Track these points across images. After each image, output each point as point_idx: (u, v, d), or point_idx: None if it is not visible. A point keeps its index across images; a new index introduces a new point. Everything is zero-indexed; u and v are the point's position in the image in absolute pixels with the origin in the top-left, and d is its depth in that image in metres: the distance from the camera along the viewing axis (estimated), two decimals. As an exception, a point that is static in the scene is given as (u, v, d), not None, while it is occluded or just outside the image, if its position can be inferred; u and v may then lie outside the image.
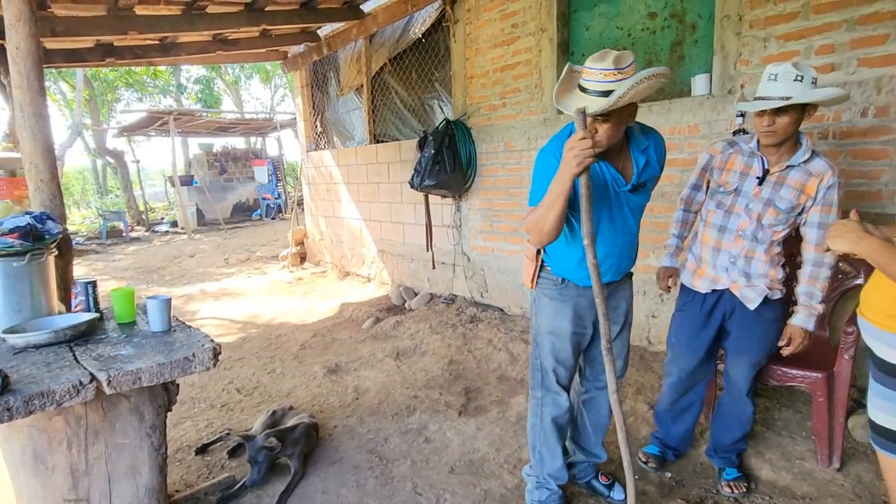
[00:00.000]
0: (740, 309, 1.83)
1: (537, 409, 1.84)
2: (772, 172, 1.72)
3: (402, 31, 4.78)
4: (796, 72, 1.56)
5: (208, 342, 1.65)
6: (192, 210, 12.27)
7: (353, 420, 2.65)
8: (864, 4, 2.21)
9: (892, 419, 1.13)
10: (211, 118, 12.28)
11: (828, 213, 1.68)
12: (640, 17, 3.15)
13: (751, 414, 1.94)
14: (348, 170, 5.84)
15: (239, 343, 4.08)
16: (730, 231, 1.81)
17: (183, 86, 17.65)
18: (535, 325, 1.81)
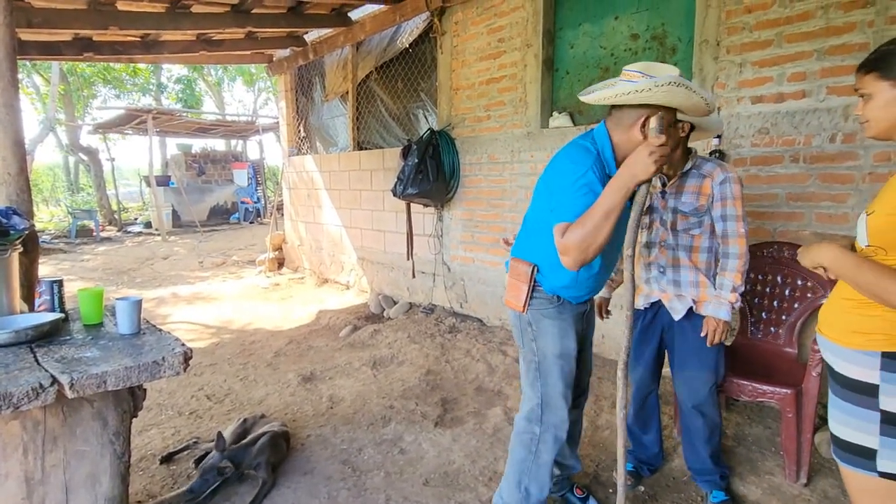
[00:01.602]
0: (677, 323, 1.93)
1: (531, 446, 1.69)
2: (670, 184, 1.89)
3: (389, 40, 4.80)
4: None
5: (179, 346, 1.60)
6: (168, 211, 11.99)
7: (327, 430, 2.60)
8: (833, 36, 2.32)
9: (852, 432, 1.15)
10: (191, 119, 12.08)
11: (725, 206, 1.81)
12: (622, 37, 3.24)
13: (702, 427, 1.94)
14: (330, 176, 5.80)
15: (211, 348, 3.97)
16: (654, 245, 1.96)
17: (163, 85, 17.36)
18: (537, 352, 1.65)
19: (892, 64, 1.11)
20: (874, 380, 1.12)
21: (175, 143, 14.99)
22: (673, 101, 1.39)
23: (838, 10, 2.29)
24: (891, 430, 1.10)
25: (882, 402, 1.11)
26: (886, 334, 1.11)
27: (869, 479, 1.14)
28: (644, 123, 1.42)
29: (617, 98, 1.41)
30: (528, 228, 1.70)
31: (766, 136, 2.55)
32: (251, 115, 15.98)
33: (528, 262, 1.63)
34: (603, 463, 2.25)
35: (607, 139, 1.50)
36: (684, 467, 2.17)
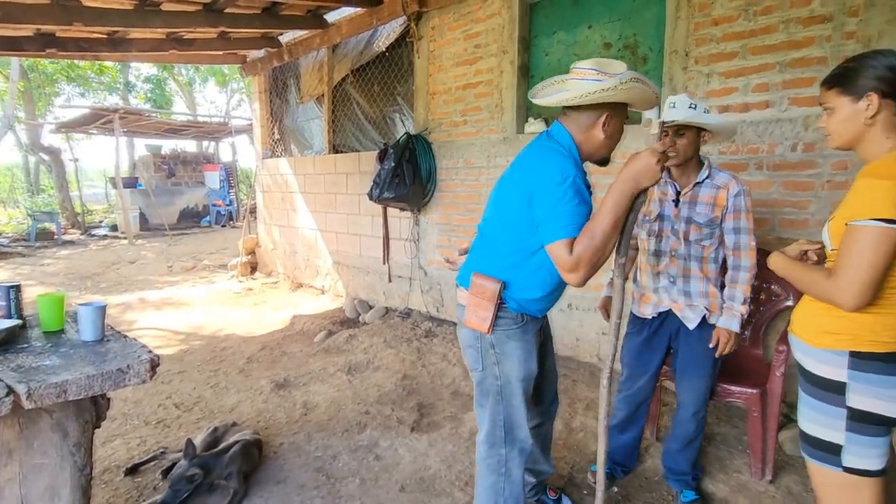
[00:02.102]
0: (684, 329, 1.94)
1: (500, 468, 1.61)
2: (684, 193, 1.90)
3: (365, 43, 4.78)
4: (690, 100, 1.81)
5: (145, 353, 1.55)
6: (135, 214, 11.61)
7: (301, 437, 2.55)
8: (794, 49, 2.42)
9: (820, 429, 1.20)
10: (161, 119, 11.75)
11: (738, 218, 1.85)
12: (596, 46, 3.31)
13: (693, 432, 2.00)
14: (305, 179, 5.72)
15: (180, 355, 3.85)
16: (664, 254, 1.95)
17: (131, 84, 16.84)
18: (499, 376, 1.56)
19: (852, 80, 1.17)
20: (842, 378, 1.17)
21: (143, 144, 14.54)
22: (632, 98, 1.41)
23: (798, 24, 2.40)
24: (856, 427, 1.15)
25: (849, 399, 1.16)
26: (853, 334, 1.16)
27: (834, 473, 1.19)
28: (606, 121, 1.43)
29: (581, 99, 1.38)
30: (490, 240, 1.57)
31: (732, 145, 2.64)
32: (224, 117, 15.65)
33: (494, 279, 1.50)
34: (577, 465, 2.28)
35: (571, 140, 1.47)
36: (656, 467, 2.22)
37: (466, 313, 1.55)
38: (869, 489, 1.16)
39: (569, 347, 3.45)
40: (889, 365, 1.14)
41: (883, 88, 1.13)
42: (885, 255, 1.06)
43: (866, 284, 1.07)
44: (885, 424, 1.15)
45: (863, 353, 1.15)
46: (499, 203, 1.57)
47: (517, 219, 1.47)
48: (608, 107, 1.42)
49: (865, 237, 1.06)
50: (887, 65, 1.13)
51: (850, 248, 1.09)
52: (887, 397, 1.13)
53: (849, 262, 1.09)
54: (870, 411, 1.14)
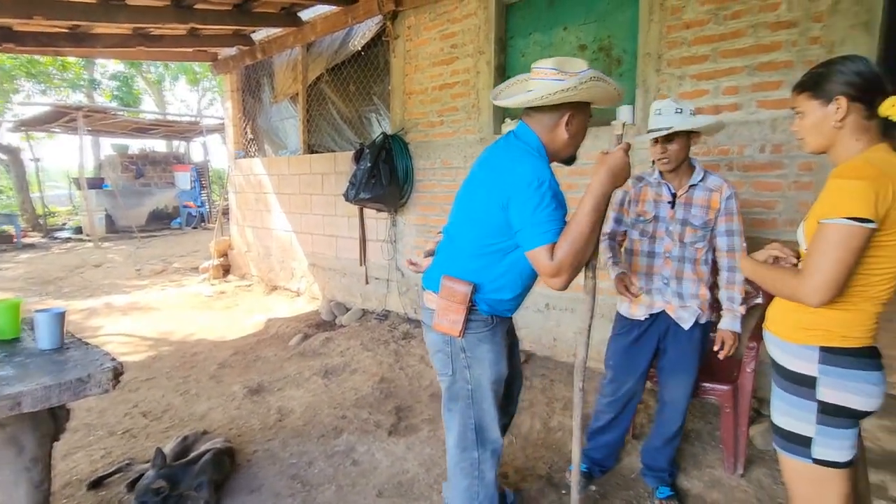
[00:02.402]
0: (674, 329, 1.95)
1: (473, 470, 1.60)
2: (679, 195, 1.92)
3: (341, 42, 4.72)
4: (676, 105, 1.83)
5: (108, 361, 1.48)
6: (101, 216, 11.18)
7: (275, 443, 2.48)
8: (762, 53, 2.48)
9: (792, 422, 1.23)
10: (128, 118, 11.37)
11: (731, 221, 1.89)
12: (571, 48, 3.34)
13: (677, 430, 2.03)
14: (280, 179, 5.61)
15: (148, 362, 3.72)
16: (658, 255, 1.95)
17: (96, 81, 16.26)
18: (470, 380, 1.55)
19: (821, 85, 1.20)
20: (813, 372, 1.20)
21: (110, 144, 14.04)
22: (593, 96, 1.42)
23: (766, 29, 2.46)
24: (826, 419, 1.18)
25: (819, 392, 1.19)
26: (825, 330, 1.19)
27: (804, 465, 1.22)
28: (569, 120, 1.44)
29: (543, 100, 1.38)
30: (458, 242, 1.55)
31: (703, 146, 2.69)
32: (195, 116, 15.25)
33: (465, 282, 1.48)
34: (556, 465, 2.28)
35: (538, 140, 1.47)
36: (633, 465, 2.24)
37: (436, 317, 1.52)
38: (837, 480, 1.19)
39: (546, 347, 3.46)
40: (858, 360, 1.17)
41: (851, 92, 1.16)
42: (852, 252, 1.08)
43: (831, 280, 1.09)
44: (853, 417, 1.18)
45: (833, 349, 1.18)
46: (467, 204, 1.55)
47: (488, 221, 1.45)
48: (570, 106, 1.43)
49: (834, 234, 1.09)
50: (855, 70, 1.17)
51: (819, 245, 1.11)
52: (856, 391, 1.16)
53: (816, 258, 1.11)
54: (839, 404, 1.17)
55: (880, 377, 1.18)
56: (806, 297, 1.13)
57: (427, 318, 1.60)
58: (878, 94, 1.16)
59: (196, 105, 20.80)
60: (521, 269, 1.47)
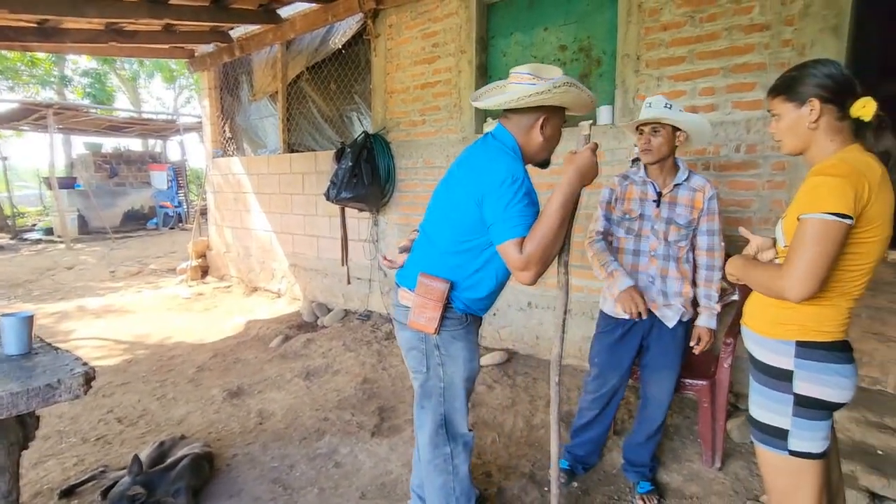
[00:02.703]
0: (658, 327, 1.98)
1: (447, 466, 1.61)
2: (664, 194, 1.95)
3: (321, 40, 4.67)
4: (666, 101, 1.88)
5: (79, 366, 1.43)
6: (74, 216, 10.85)
7: (256, 447, 2.44)
8: (737, 55, 2.54)
9: (769, 415, 1.26)
10: (101, 116, 11.06)
11: (712, 220, 1.93)
12: (552, 48, 3.36)
13: (659, 425, 2.06)
14: (259, 179, 5.53)
15: (123, 366, 3.62)
16: (643, 253, 1.98)
17: (68, 77, 15.78)
18: (443, 377, 1.56)
19: (795, 88, 1.24)
20: (789, 366, 1.23)
21: (82, 142, 13.63)
22: (567, 101, 1.48)
23: (740, 32, 2.52)
24: (802, 412, 1.21)
25: (795, 386, 1.22)
26: (800, 325, 1.22)
27: (781, 457, 1.25)
28: (544, 124, 1.49)
29: (518, 102, 1.44)
30: (435, 240, 1.57)
31: (681, 146, 2.74)
32: (171, 114, 14.91)
33: (442, 279, 1.50)
34: (539, 462, 2.29)
35: (515, 141, 1.51)
36: (614, 461, 2.27)
37: (412, 314, 1.53)
38: (812, 471, 1.23)
39: (529, 346, 3.48)
40: (831, 353, 1.20)
41: (823, 94, 1.20)
42: (832, 246, 1.11)
43: (812, 274, 1.11)
44: (827, 409, 1.22)
45: (808, 343, 1.21)
46: (444, 202, 1.57)
47: (464, 218, 1.48)
48: (545, 110, 1.48)
49: (814, 229, 1.11)
50: (826, 73, 1.20)
51: (800, 240, 1.14)
52: (830, 384, 1.19)
53: (798, 253, 1.13)
54: (814, 397, 1.20)
55: (852, 370, 1.22)
56: (788, 291, 1.14)
57: (401, 315, 1.61)
58: (849, 96, 1.19)
59: (172, 103, 20.37)
60: (496, 267, 1.51)
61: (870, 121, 1.19)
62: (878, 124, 1.20)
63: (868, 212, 1.13)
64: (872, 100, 1.18)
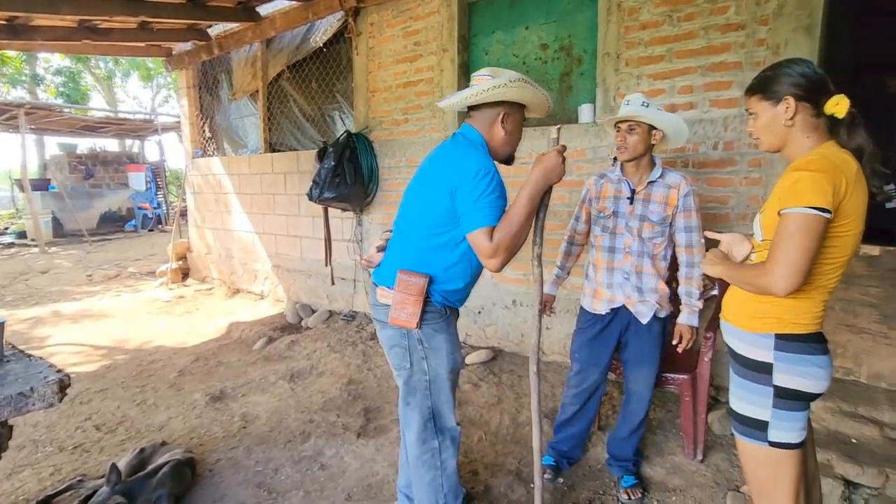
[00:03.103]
0: (635, 323, 2.01)
1: (434, 461, 1.62)
2: (638, 191, 1.98)
3: (301, 38, 4.62)
4: (643, 99, 1.91)
5: (53, 373, 1.39)
6: (48, 219, 10.57)
7: (239, 451, 2.41)
8: (714, 54, 2.58)
9: (749, 407, 1.29)
10: (75, 115, 10.78)
11: (689, 217, 1.95)
12: (533, 47, 3.38)
13: (641, 420, 2.09)
14: (240, 179, 5.44)
15: (101, 372, 3.54)
16: (618, 250, 2.00)
17: (40, 76, 15.34)
18: (427, 371, 1.59)
19: (771, 87, 1.27)
20: (769, 359, 1.25)
21: (56, 143, 13.27)
22: (525, 97, 1.56)
23: (717, 31, 2.56)
24: (781, 403, 1.24)
25: (775, 378, 1.24)
26: (778, 318, 1.25)
27: (761, 448, 1.27)
28: (504, 118, 1.56)
29: (478, 96, 1.52)
30: (411, 236, 1.60)
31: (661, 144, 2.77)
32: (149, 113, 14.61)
33: (421, 274, 1.54)
34: (524, 459, 2.31)
35: (481, 137, 1.59)
36: (599, 456, 2.29)
37: (393, 311, 1.55)
38: (790, 461, 1.26)
39: (514, 343, 3.50)
40: (808, 345, 1.23)
41: (798, 93, 1.23)
42: (814, 240, 1.13)
43: (797, 268, 1.13)
44: (805, 400, 1.24)
45: (786, 335, 1.24)
46: (417, 198, 1.62)
47: (437, 210, 1.53)
48: (505, 105, 1.57)
49: (796, 223, 1.13)
50: (800, 72, 1.24)
51: (782, 235, 1.16)
52: (808, 374, 1.22)
53: (781, 248, 1.15)
54: (793, 388, 1.23)
55: (828, 360, 1.25)
56: (774, 286, 1.15)
57: (380, 314, 1.63)
58: (822, 94, 1.22)
59: (150, 102, 19.95)
60: (471, 259, 1.57)
61: (843, 118, 1.22)
62: (851, 121, 1.23)
63: (844, 206, 1.15)
64: (845, 97, 1.21)
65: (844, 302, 2.27)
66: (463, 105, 1.61)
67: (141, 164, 13.04)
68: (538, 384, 1.62)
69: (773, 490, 1.28)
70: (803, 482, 1.29)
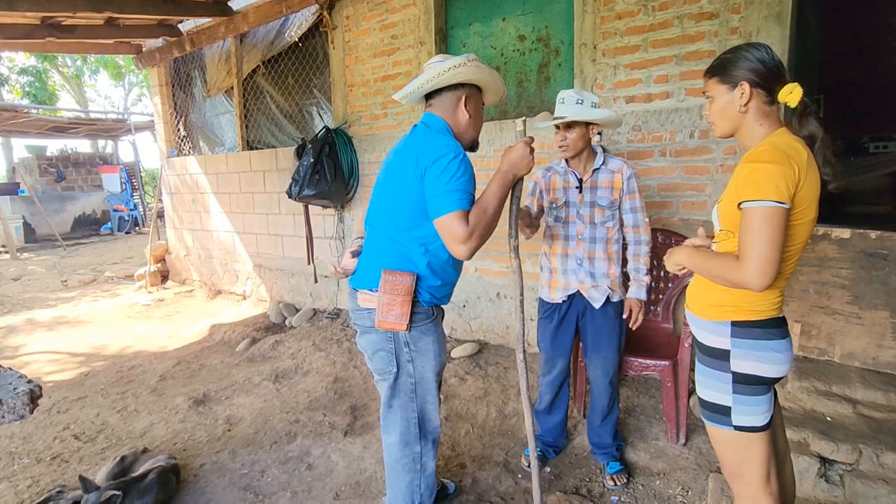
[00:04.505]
0: (590, 310, 2.06)
1: (415, 465, 1.60)
2: (585, 180, 2.04)
3: (276, 33, 4.53)
4: (577, 96, 1.94)
5: (23, 384, 1.35)
6: (18, 224, 10.25)
7: (224, 455, 2.38)
8: (688, 43, 2.60)
9: (713, 393, 1.31)
10: (43, 116, 10.44)
11: (634, 198, 2.03)
12: (510, 38, 3.36)
13: (609, 404, 2.12)
14: (218, 178, 5.34)
15: (79, 379, 3.45)
16: (571, 238, 2.07)
17: (4, 76, 14.78)
18: (413, 374, 1.54)
19: (729, 70, 1.26)
20: (726, 346, 1.27)
21: (23, 145, 12.85)
22: (483, 78, 1.55)
23: (691, 20, 2.58)
24: (741, 388, 1.26)
25: (733, 364, 1.26)
26: (735, 306, 1.26)
27: (727, 432, 1.30)
28: (466, 101, 1.54)
29: (437, 78, 1.48)
30: (389, 233, 1.53)
31: (638, 133, 2.80)
32: (121, 113, 14.21)
33: (408, 273, 1.48)
34: (512, 450, 2.32)
35: (445, 124, 1.56)
36: (584, 444, 2.32)
37: (379, 314, 1.48)
38: (758, 443, 1.28)
39: (499, 336, 3.51)
40: (764, 331, 1.25)
41: (753, 78, 1.22)
42: (779, 231, 1.14)
43: (769, 261, 1.13)
44: (764, 384, 1.26)
45: (743, 322, 1.25)
46: (388, 192, 1.55)
47: (412, 202, 1.47)
48: (464, 88, 1.55)
49: (759, 217, 1.14)
50: (759, 57, 1.23)
51: (748, 230, 1.16)
52: (765, 359, 1.24)
53: (749, 243, 1.15)
54: (750, 373, 1.25)
55: (786, 344, 1.26)
56: (750, 281, 1.15)
57: (363, 319, 1.56)
58: (777, 82, 1.23)
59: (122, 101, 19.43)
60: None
61: (795, 107, 1.23)
62: (803, 110, 1.24)
63: (799, 194, 1.16)
64: (798, 86, 1.21)
65: (818, 284, 2.32)
66: (421, 94, 1.57)
67: (115, 165, 12.72)
68: (526, 371, 1.62)
69: (744, 472, 1.30)
70: (774, 461, 1.31)
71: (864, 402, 2.03)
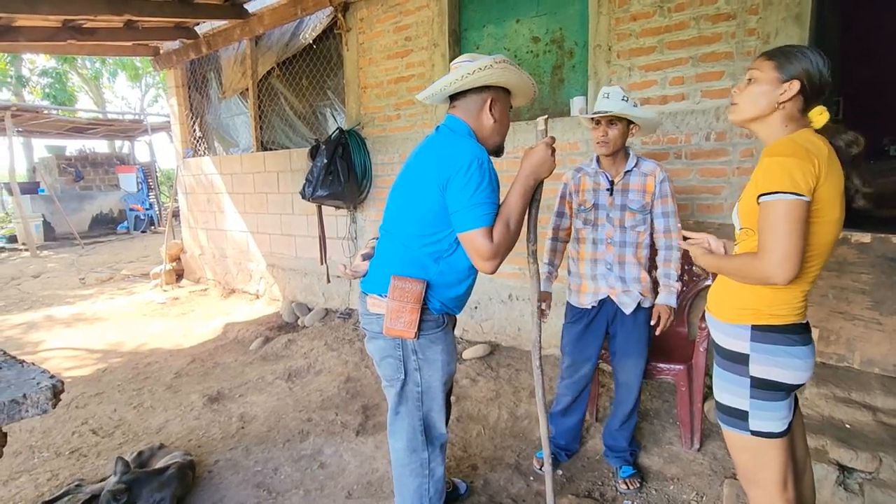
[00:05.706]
0: (620, 314, 2.02)
1: (423, 471, 1.58)
2: (616, 182, 2.00)
3: (291, 35, 4.57)
4: (623, 93, 1.90)
5: (46, 379, 1.38)
6: (38, 223, 10.47)
7: (238, 452, 2.40)
8: (705, 45, 2.58)
9: (731, 398, 1.30)
10: (63, 117, 10.65)
11: (666, 203, 1.98)
12: (524, 40, 3.36)
13: (632, 409, 2.11)
14: (232, 179, 5.41)
15: (97, 376, 3.52)
16: (601, 241, 2.02)
17: (25, 78, 15.12)
18: (420, 382, 1.53)
19: (791, 61, 1.21)
20: (745, 350, 1.25)
21: (43, 145, 13.12)
22: (510, 81, 1.47)
23: (707, 21, 2.56)
24: (758, 394, 1.24)
25: (751, 368, 1.25)
26: (755, 309, 1.25)
27: (744, 437, 1.28)
28: (492, 105, 1.48)
29: (463, 80, 1.43)
30: (403, 239, 1.50)
31: (653, 135, 2.78)
32: (138, 114, 14.44)
33: (418, 280, 1.45)
34: (523, 452, 2.32)
35: (469, 127, 1.49)
36: (597, 447, 2.30)
37: (388, 321, 1.46)
38: (774, 449, 1.26)
39: (511, 337, 3.51)
40: (784, 336, 1.23)
41: (804, 82, 1.20)
42: (799, 223, 1.12)
43: (791, 254, 1.12)
44: (783, 390, 1.24)
45: (762, 326, 1.24)
46: (405, 197, 1.51)
47: (430, 209, 1.43)
48: (490, 91, 1.48)
49: (778, 209, 1.12)
50: (819, 66, 1.20)
51: (767, 224, 1.14)
52: (784, 366, 1.22)
53: (770, 237, 1.14)
54: (769, 379, 1.23)
55: (807, 351, 1.24)
56: (772, 275, 1.13)
57: (372, 324, 1.54)
58: (818, 96, 1.22)
59: (139, 102, 19.75)
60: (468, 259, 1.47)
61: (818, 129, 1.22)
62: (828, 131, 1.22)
63: (819, 191, 1.14)
64: (827, 112, 1.21)
65: (837, 289, 2.28)
66: (446, 94, 1.51)
67: (131, 165, 12.92)
68: (542, 377, 1.61)
69: (761, 478, 1.29)
70: (792, 468, 1.29)
71: (884, 410, 2.00)
